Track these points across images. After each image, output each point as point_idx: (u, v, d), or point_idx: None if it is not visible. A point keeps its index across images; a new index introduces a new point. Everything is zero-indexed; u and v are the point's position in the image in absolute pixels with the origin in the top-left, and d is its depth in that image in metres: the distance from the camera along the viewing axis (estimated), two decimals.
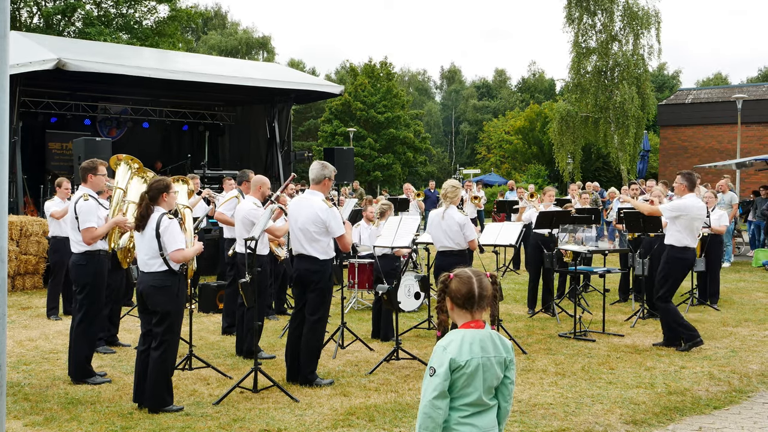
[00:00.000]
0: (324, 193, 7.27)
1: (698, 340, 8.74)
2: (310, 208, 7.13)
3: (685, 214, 8.77)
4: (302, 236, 7.16)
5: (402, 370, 7.76)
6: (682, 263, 8.92)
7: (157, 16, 36.82)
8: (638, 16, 34.40)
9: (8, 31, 3.48)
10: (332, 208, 7.15)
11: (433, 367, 3.26)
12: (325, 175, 7.30)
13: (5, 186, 3.51)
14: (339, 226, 7.14)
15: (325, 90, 20.83)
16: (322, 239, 7.14)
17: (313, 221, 7.09)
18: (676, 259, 8.87)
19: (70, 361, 7.31)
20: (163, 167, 19.63)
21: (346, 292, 11.49)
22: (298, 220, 7.18)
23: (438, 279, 3.40)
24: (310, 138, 59.50)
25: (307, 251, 7.15)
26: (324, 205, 7.11)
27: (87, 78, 16.23)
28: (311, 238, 7.12)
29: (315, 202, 7.14)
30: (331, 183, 7.39)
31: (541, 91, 73.46)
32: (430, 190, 24.08)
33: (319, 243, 7.13)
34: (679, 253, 8.85)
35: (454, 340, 3.31)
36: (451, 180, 8.92)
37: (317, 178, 7.29)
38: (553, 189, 12.25)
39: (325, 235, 7.14)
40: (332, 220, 7.09)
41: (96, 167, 7.60)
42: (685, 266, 9.01)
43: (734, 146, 25.65)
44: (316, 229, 7.10)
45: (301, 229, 7.15)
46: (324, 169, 7.32)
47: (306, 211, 7.14)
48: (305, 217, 7.12)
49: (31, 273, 13.21)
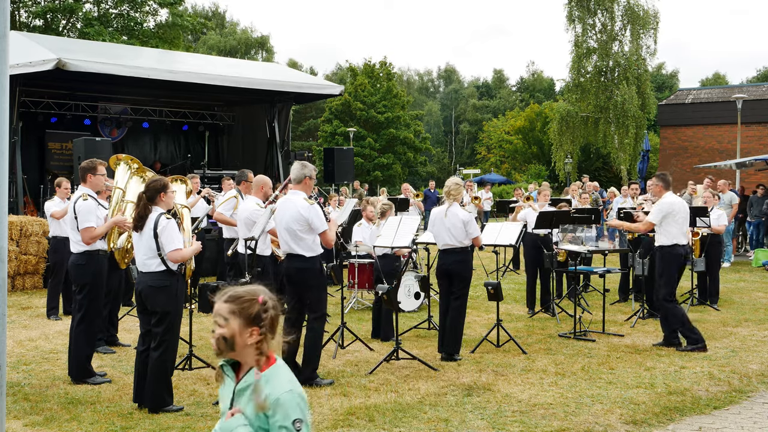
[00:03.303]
0: (306, 192, 7.37)
1: (701, 346, 8.73)
2: (293, 207, 7.25)
3: (671, 212, 8.92)
4: (287, 236, 7.28)
5: (402, 370, 7.76)
6: (675, 259, 9.01)
7: (158, 20, 36.79)
8: (639, 16, 34.39)
9: (8, 31, 3.48)
10: (313, 205, 7.26)
11: (299, 419, 2.70)
12: (305, 174, 7.40)
13: (5, 186, 3.51)
14: (321, 222, 7.25)
15: (324, 90, 20.85)
16: (307, 237, 7.25)
17: (296, 219, 7.20)
18: (669, 255, 8.97)
19: (70, 361, 7.31)
20: (163, 167, 19.63)
21: (346, 292, 11.49)
22: (282, 220, 7.32)
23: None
24: (309, 138, 59.53)
25: (294, 250, 7.27)
26: (305, 203, 7.23)
27: (87, 78, 16.22)
28: (296, 237, 7.23)
29: (297, 201, 7.26)
30: (312, 182, 7.50)
31: (540, 91, 73.46)
32: (430, 190, 24.09)
33: (304, 241, 7.24)
34: (670, 250, 8.97)
35: (293, 378, 2.79)
36: (454, 177, 8.89)
37: (298, 177, 7.40)
38: (549, 189, 12.25)
39: (309, 232, 7.25)
40: (314, 217, 7.20)
41: (95, 167, 7.60)
42: (678, 261, 9.09)
43: (734, 146, 25.64)
44: (299, 227, 7.20)
45: (286, 229, 7.27)
46: (304, 169, 7.43)
47: (289, 210, 7.27)
48: (289, 216, 7.25)
49: (31, 273, 13.21)
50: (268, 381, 2.71)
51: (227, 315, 2.73)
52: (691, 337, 8.79)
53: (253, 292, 2.76)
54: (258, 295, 2.75)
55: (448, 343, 8.32)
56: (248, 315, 2.72)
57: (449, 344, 8.31)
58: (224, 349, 2.75)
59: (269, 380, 2.71)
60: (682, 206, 9.12)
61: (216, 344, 2.75)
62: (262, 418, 2.69)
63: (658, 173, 9.47)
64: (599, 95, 34.59)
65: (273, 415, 2.66)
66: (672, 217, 8.93)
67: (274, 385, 2.70)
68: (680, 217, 9.01)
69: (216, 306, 2.76)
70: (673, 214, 8.93)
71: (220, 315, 2.74)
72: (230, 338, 2.72)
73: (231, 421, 2.74)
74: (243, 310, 2.72)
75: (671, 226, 8.93)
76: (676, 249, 8.97)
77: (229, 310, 2.73)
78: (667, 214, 8.92)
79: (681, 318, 8.88)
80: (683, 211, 9.08)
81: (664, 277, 8.99)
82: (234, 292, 2.76)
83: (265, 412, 2.67)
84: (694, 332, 8.81)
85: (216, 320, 2.75)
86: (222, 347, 2.74)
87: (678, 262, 9.08)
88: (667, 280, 8.97)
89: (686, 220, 9.20)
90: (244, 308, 2.73)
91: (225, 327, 2.72)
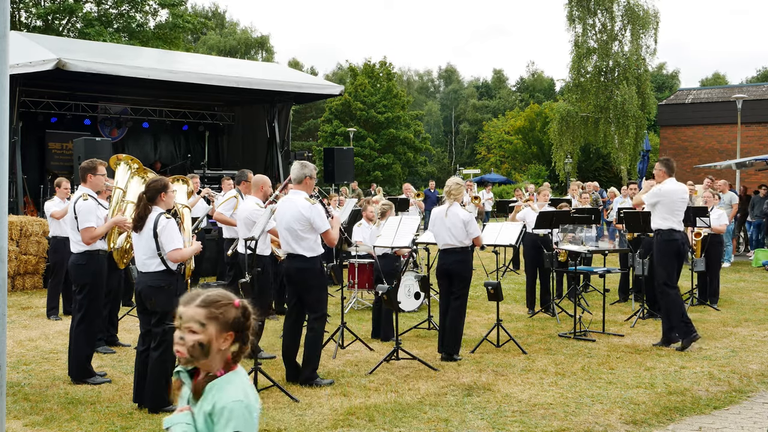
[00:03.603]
0: (306, 192, 7.34)
1: (695, 335, 8.75)
2: (294, 207, 7.22)
3: (665, 198, 8.88)
4: (289, 236, 7.25)
5: (402, 370, 7.76)
6: (673, 245, 8.94)
7: (159, 20, 36.78)
8: (639, 15, 34.39)
9: (8, 31, 3.48)
10: (315, 205, 7.23)
11: None
12: (306, 174, 7.38)
13: (5, 186, 3.51)
14: (323, 222, 7.22)
15: (324, 90, 20.84)
16: (308, 237, 7.22)
17: (297, 219, 7.17)
18: (665, 242, 8.92)
19: (70, 361, 7.31)
20: (163, 167, 19.64)
21: (346, 292, 11.49)
22: (283, 220, 7.29)
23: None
24: (309, 138, 59.53)
25: (295, 250, 7.24)
26: (306, 203, 7.20)
27: (87, 78, 16.22)
28: (297, 237, 7.20)
29: (298, 201, 7.23)
30: (312, 181, 7.47)
31: (540, 91, 73.46)
32: (430, 190, 24.10)
33: (305, 241, 7.21)
34: (667, 236, 8.91)
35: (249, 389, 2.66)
36: (454, 177, 8.89)
37: (298, 177, 7.38)
38: (548, 189, 12.25)
39: (311, 232, 7.22)
40: (316, 216, 7.17)
41: (95, 167, 7.60)
42: (676, 248, 8.99)
43: (734, 146, 25.64)
44: (300, 227, 7.18)
45: (287, 229, 7.24)
46: (304, 168, 7.40)
47: (290, 210, 7.24)
48: (290, 216, 7.22)
49: (31, 273, 13.20)
50: (221, 388, 2.60)
51: (204, 320, 2.59)
52: (683, 328, 8.76)
53: (228, 296, 2.65)
54: (233, 299, 2.65)
55: (448, 343, 8.31)
56: (226, 320, 2.60)
57: (449, 344, 8.31)
58: (198, 357, 2.59)
59: (222, 387, 2.60)
60: (681, 194, 9.02)
61: (189, 351, 2.58)
62: (210, 424, 2.59)
63: (662, 158, 9.35)
64: (599, 95, 34.59)
65: (217, 422, 2.56)
66: (665, 204, 8.89)
67: (226, 391, 2.59)
68: (676, 203, 8.93)
69: (188, 311, 2.61)
70: (667, 202, 8.88)
71: (196, 320, 2.59)
72: (207, 344, 2.59)
73: (179, 416, 2.66)
74: (221, 315, 2.60)
75: (665, 212, 8.90)
76: (672, 234, 8.91)
77: (206, 315, 2.59)
78: (660, 201, 8.90)
79: (679, 306, 8.85)
80: (680, 200, 8.99)
81: (662, 262, 8.94)
82: (207, 297, 2.63)
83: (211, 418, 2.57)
84: (687, 323, 8.78)
85: (190, 326, 2.59)
86: (196, 354, 2.59)
87: (675, 247, 8.96)
88: (667, 266, 8.90)
89: (682, 209, 9.07)
90: (222, 313, 2.60)
91: (201, 333, 2.58)
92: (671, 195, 8.93)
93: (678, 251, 9.04)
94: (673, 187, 9.01)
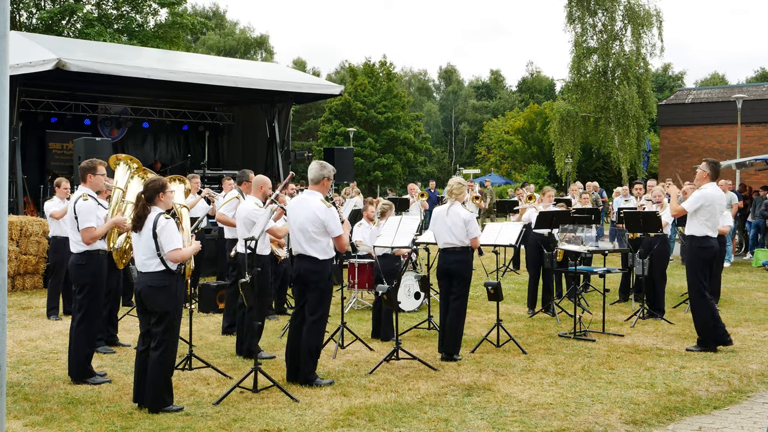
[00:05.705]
0: (323, 193, 7.26)
1: (729, 340, 8.76)
2: (308, 208, 7.13)
3: (708, 203, 8.75)
4: (301, 236, 7.16)
5: (402, 370, 7.76)
6: (709, 251, 8.82)
7: (158, 20, 36.76)
8: (639, 15, 34.38)
9: (8, 31, 3.48)
10: (331, 208, 7.13)
11: None
12: (324, 175, 7.30)
13: (5, 186, 3.51)
14: (337, 226, 7.14)
15: (324, 90, 20.84)
16: (321, 239, 7.13)
17: (312, 221, 7.09)
18: (700, 248, 8.80)
19: (70, 361, 7.31)
20: (163, 167, 19.64)
21: (346, 292, 11.49)
22: (296, 220, 7.19)
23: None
24: (310, 138, 59.52)
25: (306, 251, 7.14)
26: (322, 205, 7.11)
27: (87, 78, 16.22)
28: (310, 238, 7.12)
29: (313, 203, 7.14)
30: (330, 183, 7.38)
31: (540, 91, 73.45)
32: (431, 190, 24.10)
33: (318, 243, 7.12)
34: (702, 242, 8.80)
35: None
36: (456, 177, 8.90)
37: (316, 178, 7.29)
38: (553, 189, 12.25)
39: (324, 235, 7.14)
40: (331, 220, 7.09)
41: (95, 167, 7.60)
42: (711, 254, 8.87)
43: (734, 146, 25.65)
44: (314, 229, 7.10)
45: (300, 230, 7.15)
46: (323, 169, 7.32)
47: (305, 211, 7.14)
48: (304, 217, 7.13)
49: (31, 273, 13.20)
50: None
51: None
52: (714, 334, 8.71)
53: None
54: None
55: (448, 343, 8.31)
56: None
57: (449, 344, 8.30)
58: None
59: None
60: (720, 200, 8.93)
61: None
62: None
63: (708, 159, 9.15)
64: (599, 95, 34.56)
65: None
66: (707, 209, 8.75)
67: None
68: (716, 210, 8.83)
69: None
70: (709, 207, 8.75)
71: None
72: None
73: None
74: None
75: (705, 218, 8.77)
76: (708, 241, 8.79)
77: None
78: (703, 205, 8.75)
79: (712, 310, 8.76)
80: (720, 206, 8.92)
81: (696, 268, 8.80)
82: None
83: None
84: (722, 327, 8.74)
85: None
86: None
87: (710, 254, 8.85)
88: (698, 271, 8.78)
89: (719, 216, 8.99)
90: None
91: None
92: (715, 201, 8.79)
93: (713, 258, 8.97)
94: (717, 192, 8.90)
